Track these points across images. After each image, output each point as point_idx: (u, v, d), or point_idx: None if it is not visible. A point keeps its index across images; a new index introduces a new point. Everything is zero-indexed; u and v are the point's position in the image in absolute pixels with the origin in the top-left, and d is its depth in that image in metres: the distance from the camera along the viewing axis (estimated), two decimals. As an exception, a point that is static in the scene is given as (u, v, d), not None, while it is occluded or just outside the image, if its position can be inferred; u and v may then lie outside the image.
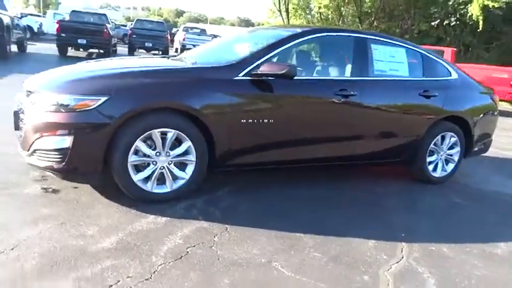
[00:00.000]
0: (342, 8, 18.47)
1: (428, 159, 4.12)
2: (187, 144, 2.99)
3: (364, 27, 19.35)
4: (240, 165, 3.28)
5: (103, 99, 2.73)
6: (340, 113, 3.54)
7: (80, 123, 2.72)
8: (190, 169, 3.06)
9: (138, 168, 2.94)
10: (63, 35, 14.03)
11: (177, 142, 3.00)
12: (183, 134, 2.96)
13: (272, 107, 3.25)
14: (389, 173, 4.45)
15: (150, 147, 2.93)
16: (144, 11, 70.31)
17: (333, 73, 3.79)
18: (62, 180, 3.07)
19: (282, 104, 3.29)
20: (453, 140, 4.19)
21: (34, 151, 2.83)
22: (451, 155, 4.26)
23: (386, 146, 3.86)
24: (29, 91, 3.00)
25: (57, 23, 14.66)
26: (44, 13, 34.48)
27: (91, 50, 15.25)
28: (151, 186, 2.97)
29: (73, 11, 16.83)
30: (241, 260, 2.37)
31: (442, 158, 4.22)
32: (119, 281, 2.05)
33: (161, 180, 3.02)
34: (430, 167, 4.15)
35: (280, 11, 19.59)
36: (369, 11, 19.28)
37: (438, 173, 4.22)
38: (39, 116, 2.79)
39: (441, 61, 4.26)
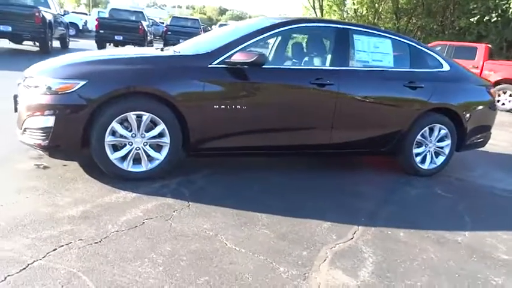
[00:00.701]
0: (377, 5, 18.08)
1: (416, 150, 4.10)
2: (161, 127, 3.20)
3: (401, 24, 18.89)
4: (214, 149, 3.45)
5: (82, 83, 2.99)
6: (315, 102, 3.62)
7: (62, 105, 3.00)
8: (165, 151, 3.27)
9: (117, 148, 3.19)
10: (101, 31, 14.83)
11: (154, 125, 3.22)
12: (157, 118, 3.17)
13: (245, 94, 3.39)
14: (382, 164, 4.46)
15: (126, 128, 3.16)
16: (189, 9, 72.05)
17: (311, 62, 3.87)
18: (55, 159, 3.37)
19: (255, 91, 3.43)
20: (443, 132, 4.14)
21: (25, 129, 3.15)
22: (442, 148, 4.21)
23: (366, 136, 3.89)
24: (26, 76, 3.33)
25: (96, 20, 15.51)
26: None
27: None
28: (127, 165, 3.21)
29: (112, 8, 17.69)
30: (189, 232, 2.54)
31: (431, 150, 4.18)
32: (70, 242, 2.29)
33: (138, 160, 3.25)
34: (418, 159, 4.13)
35: (314, 8, 19.52)
36: (406, 7, 18.76)
37: (426, 165, 4.18)
38: (29, 97, 3.11)
39: (432, 53, 4.21)
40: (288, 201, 3.20)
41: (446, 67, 4.19)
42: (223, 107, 3.32)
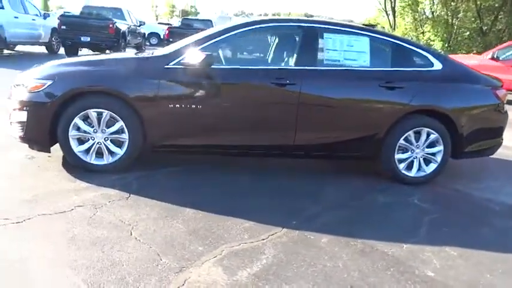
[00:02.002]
0: (453, 3, 16.60)
1: (398, 156, 3.80)
2: (119, 123, 3.44)
3: (485, 23, 17.16)
4: (173, 146, 3.60)
5: (49, 82, 3.36)
6: (275, 102, 3.57)
7: (33, 101, 3.39)
8: (125, 146, 3.50)
9: (82, 142, 3.51)
10: (63, 29, 13.20)
11: (116, 122, 3.47)
12: (116, 115, 3.42)
13: (200, 94, 3.49)
14: (368, 170, 4.20)
15: (89, 124, 3.46)
16: (275, 16, 73.77)
17: (274, 62, 3.82)
18: (33, 150, 3.80)
19: (210, 91, 3.50)
20: (432, 137, 3.78)
21: (11, 123, 3.62)
22: (433, 154, 3.84)
23: (336, 139, 3.72)
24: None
25: (58, 18, 13.98)
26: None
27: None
28: (90, 158, 3.50)
29: (84, 6, 17.67)
30: (106, 221, 2.71)
31: (418, 156, 3.83)
32: (-4, 220, 2.61)
33: (101, 154, 3.53)
34: (402, 166, 3.82)
35: (386, 10, 18.66)
36: (491, 3, 16.92)
37: (413, 173, 3.85)
38: (15, 94, 3.56)
39: (422, 51, 3.87)
40: (228, 200, 3.21)
41: (437, 66, 3.82)
42: (179, 106, 3.45)
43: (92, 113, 3.40)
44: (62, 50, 13.62)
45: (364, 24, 4.28)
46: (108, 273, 2.16)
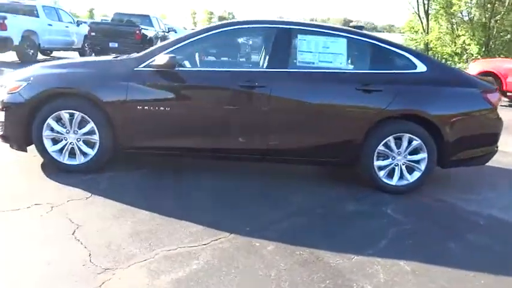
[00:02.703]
0: (489, 5, 15.69)
1: (378, 163, 3.61)
2: (90, 125, 3.50)
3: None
4: (143, 148, 3.60)
5: (24, 84, 3.48)
6: (245, 105, 3.50)
7: (10, 102, 3.51)
8: (96, 147, 3.55)
9: (56, 142, 3.59)
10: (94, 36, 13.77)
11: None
12: (87, 117, 3.48)
13: (168, 96, 3.48)
14: (350, 177, 4.01)
15: (63, 125, 3.54)
16: (312, 22, 73.08)
17: (245, 64, 3.74)
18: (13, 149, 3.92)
19: (178, 93, 3.49)
20: (415, 143, 3.56)
21: (-5, 123, 3.77)
22: (417, 162, 3.62)
23: (309, 144, 3.58)
24: None
25: (88, 26, 14.49)
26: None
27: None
28: (63, 158, 3.58)
29: (116, 13, 17.68)
30: (55, 220, 2.75)
31: (400, 163, 3.62)
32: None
33: (75, 154, 3.60)
34: (382, 173, 3.62)
35: (418, 14, 17.98)
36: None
37: (395, 181, 3.64)
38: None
39: (405, 52, 3.66)
40: (187, 203, 3.17)
41: (421, 68, 3.60)
42: (147, 108, 3.46)
43: (64, 114, 3.47)
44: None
45: (352, 26, 4.12)
46: (31, 273, 2.17)
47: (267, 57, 3.55)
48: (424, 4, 17.53)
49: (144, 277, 2.20)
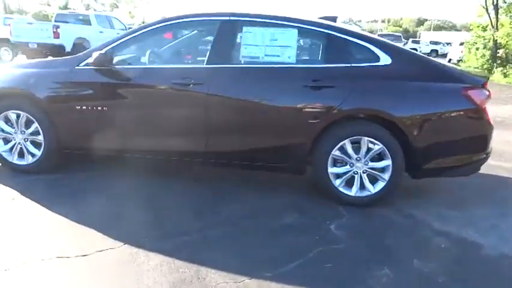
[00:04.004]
0: None
1: (333, 170, 3.14)
2: (35, 125, 3.48)
3: None
4: (83, 149, 3.49)
5: (-21, 84, 3.55)
6: (180, 104, 3.23)
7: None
8: (42, 148, 3.52)
9: (8, 141, 3.61)
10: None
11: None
12: (31, 117, 3.46)
13: (104, 95, 3.33)
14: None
15: (12, 125, 3.56)
16: (384, 22, 69.55)
17: (183, 60, 3.45)
18: None
19: (115, 92, 3.31)
20: (376, 148, 3.04)
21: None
22: (380, 170, 3.10)
23: (252, 146, 3.21)
24: None
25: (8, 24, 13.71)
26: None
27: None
28: (12, 158, 3.60)
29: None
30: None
31: (360, 171, 3.12)
32: None
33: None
34: (338, 182, 3.15)
35: (486, 7, 16.13)
36: None
37: (354, 192, 3.14)
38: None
39: (365, 43, 3.13)
40: (106, 211, 2.95)
41: (385, 60, 3.06)
42: (86, 108, 3.35)
43: (11, 114, 3.49)
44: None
45: (323, 17, 3.67)
46: None
47: (208, 52, 3.25)
48: (493, -3, 15.72)
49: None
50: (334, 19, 3.68)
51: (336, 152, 3.10)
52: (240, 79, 3.18)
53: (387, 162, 3.05)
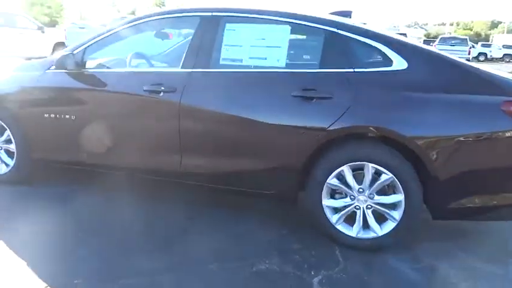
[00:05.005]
0: None
1: (328, 202, 2.49)
2: (7, 132, 3.19)
3: None
4: (55, 162, 3.14)
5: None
6: (151, 115, 2.74)
7: None
8: (14, 158, 3.23)
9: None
10: None
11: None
12: (3, 123, 3.18)
13: (72, 102, 2.94)
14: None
15: (-13, 134, 3.30)
16: (452, 25, 64.79)
17: (157, 64, 2.95)
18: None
19: (82, 99, 2.92)
20: (384, 178, 2.35)
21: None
22: (390, 207, 2.40)
23: (234, 168, 2.64)
24: None
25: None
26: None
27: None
28: (-14, 169, 3.34)
29: None
30: None
31: (363, 206, 2.44)
32: None
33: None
34: (335, 218, 2.49)
35: None
36: None
37: (355, 232, 2.46)
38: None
39: (376, 43, 2.43)
40: (50, 240, 2.51)
41: (399, 64, 2.36)
42: (54, 116, 2.99)
43: (-16, 121, 3.23)
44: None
45: (334, 12, 3.02)
46: None
47: (184, 54, 2.73)
48: None
49: None
50: (347, 14, 3.01)
51: (332, 181, 2.44)
52: (217, 86, 2.63)
53: (398, 197, 2.34)
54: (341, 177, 2.44)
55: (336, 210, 2.51)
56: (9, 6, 17.37)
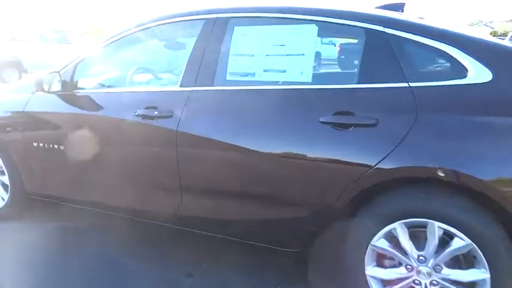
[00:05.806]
0: None
1: (374, 272, 1.76)
2: (1, 163, 2.81)
3: None
4: (48, 197, 2.69)
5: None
6: (142, 146, 2.18)
7: None
8: (9, 191, 2.84)
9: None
10: None
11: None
12: (-5, 154, 2.80)
13: (58, 129, 2.47)
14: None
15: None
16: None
17: (153, 81, 2.36)
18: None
19: (69, 126, 2.43)
20: (458, 244, 1.58)
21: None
22: (469, 286, 1.62)
23: (240, 215, 1.99)
24: None
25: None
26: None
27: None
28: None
29: None
30: None
31: (426, 282, 1.67)
32: None
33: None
34: (380, 291, 1.76)
35: None
36: None
37: (413, 317, 1.71)
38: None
39: (444, 45, 1.67)
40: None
41: (479, 75, 1.58)
42: (42, 145, 2.54)
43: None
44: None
45: (382, 6, 2.28)
46: None
47: (184, 68, 2.13)
48: None
49: None
50: (399, 8, 2.24)
51: (379, 242, 1.71)
52: (222, 109, 2.00)
53: (480, 274, 1.56)
54: (392, 238, 1.70)
55: (384, 283, 1.76)
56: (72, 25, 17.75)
